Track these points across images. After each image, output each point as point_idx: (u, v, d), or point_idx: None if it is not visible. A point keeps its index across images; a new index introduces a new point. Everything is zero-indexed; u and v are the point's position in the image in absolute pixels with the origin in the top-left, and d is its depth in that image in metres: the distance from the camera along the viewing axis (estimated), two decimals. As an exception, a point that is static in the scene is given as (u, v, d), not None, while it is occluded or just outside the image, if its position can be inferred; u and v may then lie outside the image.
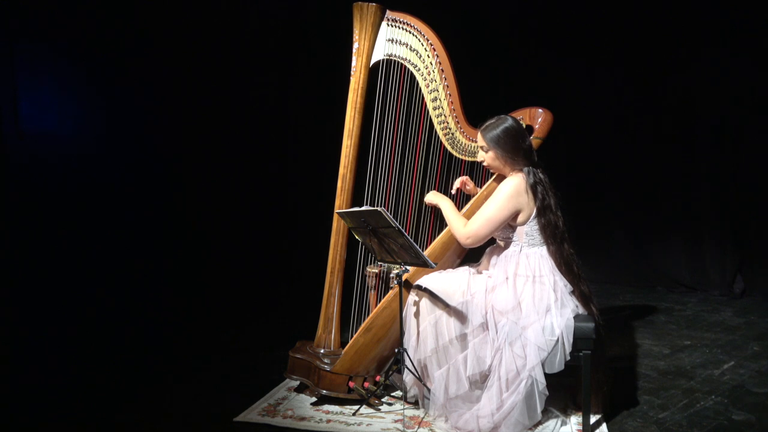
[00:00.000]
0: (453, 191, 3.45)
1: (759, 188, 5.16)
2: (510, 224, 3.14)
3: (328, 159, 3.70)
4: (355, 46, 3.37)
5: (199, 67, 5.67)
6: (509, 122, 3.15)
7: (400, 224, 2.94)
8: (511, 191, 3.09)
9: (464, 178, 3.46)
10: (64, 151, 5.53)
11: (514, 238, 3.16)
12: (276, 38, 5.70)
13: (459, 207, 3.41)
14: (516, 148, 3.12)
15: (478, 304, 3.05)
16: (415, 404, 3.21)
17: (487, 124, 3.18)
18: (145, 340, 4.38)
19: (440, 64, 3.32)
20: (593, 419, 3.05)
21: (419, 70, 3.34)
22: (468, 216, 3.26)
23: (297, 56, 5.70)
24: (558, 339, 2.93)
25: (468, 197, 3.47)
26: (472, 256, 3.45)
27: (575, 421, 3.09)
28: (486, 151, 3.19)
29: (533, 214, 3.11)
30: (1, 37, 5.10)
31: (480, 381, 3.01)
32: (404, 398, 3.21)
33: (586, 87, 5.49)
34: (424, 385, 3.11)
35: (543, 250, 3.12)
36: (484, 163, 3.24)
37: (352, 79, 3.37)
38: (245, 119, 5.82)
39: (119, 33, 5.49)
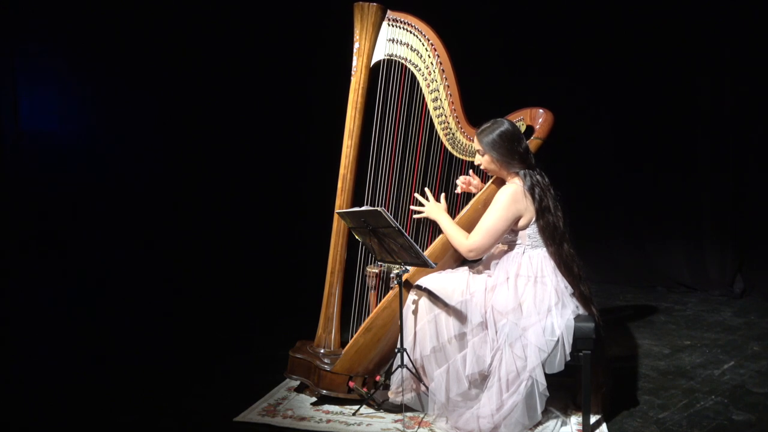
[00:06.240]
0: (458, 191, 3.44)
1: (759, 188, 5.16)
2: (512, 228, 3.14)
3: (329, 159, 3.69)
4: (356, 45, 3.37)
5: (199, 66, 5.67)
6: (505, 126, 3.14)
7: (400, 224, 2.94)
8: (509, 200, 3.07)
9: (466, 177, 3.45)
10: (64, 151, 5.54)
11: (517, 241, 3.16)
12: (277, 38, 5.70)
13: (461, 206, 3.41)
14: (511, 151, 3.10)
15: (478, 303, 3.05)
16: (395, 412, 3.15)
17: (483, 127, 3.17)
18: (145, 339, 4.37)
19: (441, 64, 3.31)
20: (593, 419, 3.04)
21: (420, 70, 3.33)
22: (465, 220, 3.26)
23: (298, 56, 5.70)
24: (558, 339, 2.93)
25: (467, 198, 3.46)
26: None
27: (575, 421, 3.09)
28: (482, 155, 3.18)
29: (534, 218, 3.10)
30: (1, 37, 5.11)
31: (480, 381, 3.01)
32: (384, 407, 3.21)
33: (588, 87, 5.49)
34: (423, 384, 3.11)
35: (545, 251, 3.11)
36: (482, 167, 3.23)
37: (353, 79, 3.36)
38: (246, 120, 5.82)
39: (119, 33, 5.50)
